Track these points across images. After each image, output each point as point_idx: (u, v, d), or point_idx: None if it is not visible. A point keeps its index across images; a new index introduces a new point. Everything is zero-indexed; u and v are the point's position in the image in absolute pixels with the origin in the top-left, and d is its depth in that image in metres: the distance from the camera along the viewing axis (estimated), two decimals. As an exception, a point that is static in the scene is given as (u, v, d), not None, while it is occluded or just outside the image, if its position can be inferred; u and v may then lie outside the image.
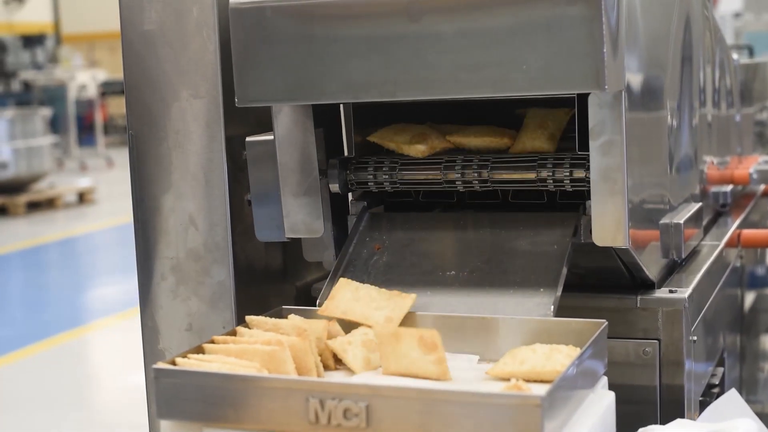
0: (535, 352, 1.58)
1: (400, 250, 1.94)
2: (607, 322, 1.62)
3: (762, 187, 3.26)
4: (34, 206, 11.61)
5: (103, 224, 10.93)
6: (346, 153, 2.10)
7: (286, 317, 1.72)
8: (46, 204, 11.83)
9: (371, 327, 1.70)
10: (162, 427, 1.52)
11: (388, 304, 1.74)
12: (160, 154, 2.05)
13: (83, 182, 12.54)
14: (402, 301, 1.74)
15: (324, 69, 1.76)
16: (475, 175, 1.91)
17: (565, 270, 1.81)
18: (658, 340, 1.90)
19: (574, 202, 1.89)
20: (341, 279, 1.81)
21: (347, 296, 1.76)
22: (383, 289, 1.78)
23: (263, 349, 1.53)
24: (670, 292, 1.93)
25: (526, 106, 2.04)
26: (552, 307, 1.75)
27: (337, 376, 1.62)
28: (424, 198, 2.07)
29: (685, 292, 1.92)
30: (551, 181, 1.87)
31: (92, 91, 16.54)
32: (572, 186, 1.86)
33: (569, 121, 1.96)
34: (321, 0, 1.75)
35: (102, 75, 17.53)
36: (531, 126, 1.97)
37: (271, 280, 2.17)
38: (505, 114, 2.08)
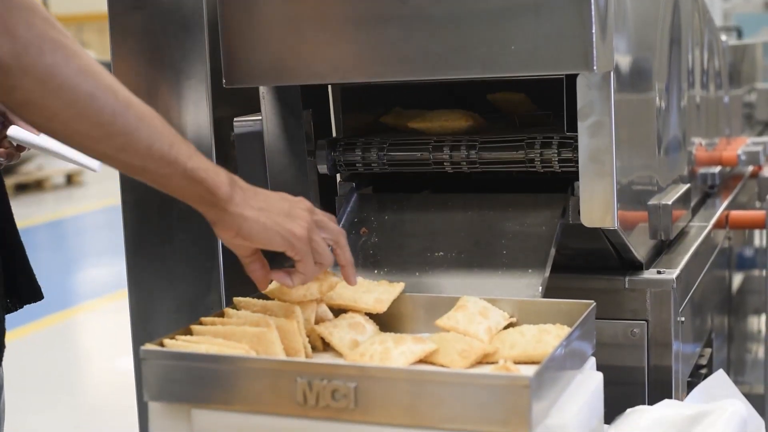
0: (523, 335, 1.58)
1: (388, 231, 1.94)
2: (595, 303, 1.63)
3: (750, 168, 3.26)
4: (22, 188, 11.58)
5: (92, 206, 10.91)
6: (334, 134, 2.09)
7: (275, 299, 1.72)
8: (35, 186, 11.80)
9: (359, 311, 1.69)
10: (150, 408, 1.51)
11: (378, 288, 1.73)
12: (147, 135, 2.04)
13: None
14: (391, 286, 1.74)
15: (312, 50, 1.76)
16: (464, 156, 1.91)
17: (553, 251, 1.81)
18: (646, 320, 1.91)
19: (569, 177, 1.89)
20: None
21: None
22: (370, 280, 1.77)
23: (251, 330, 1.53)
24: (658, 273, 1.93)
25: (506, 89, 2.04)
26: (540, 288, 1.75)
27: (325, 358, 1.62)
28: (415, 179, 2.07)
29: (673, 273, 1.93)
30: (539, 162, 1.87)
31: (80, 73, 16.45)
32: (561, 167, 1.86)
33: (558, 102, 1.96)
34: (309, -20, 1.74)
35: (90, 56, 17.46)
36: None
37: (260, 261, 2.16)
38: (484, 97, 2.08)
